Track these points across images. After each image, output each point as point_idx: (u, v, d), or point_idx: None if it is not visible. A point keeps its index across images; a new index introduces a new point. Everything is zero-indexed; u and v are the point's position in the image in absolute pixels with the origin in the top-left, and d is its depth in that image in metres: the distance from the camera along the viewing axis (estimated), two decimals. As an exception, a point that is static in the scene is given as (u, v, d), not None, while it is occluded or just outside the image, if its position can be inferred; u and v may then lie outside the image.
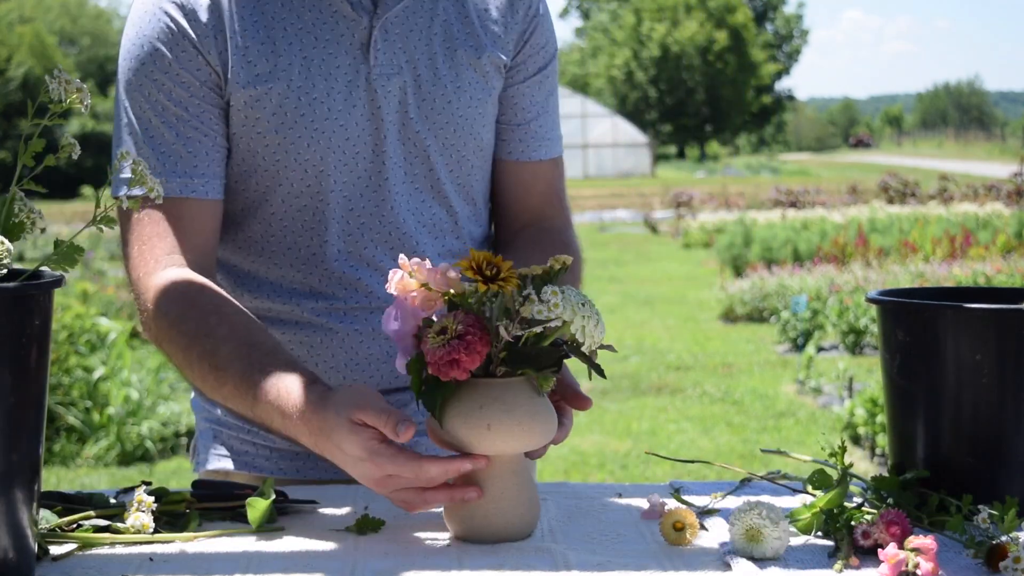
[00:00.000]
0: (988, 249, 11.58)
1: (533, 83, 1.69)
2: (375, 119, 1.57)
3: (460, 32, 1.63)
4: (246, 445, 1.66)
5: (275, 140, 1.55)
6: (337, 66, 1.56)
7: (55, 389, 6.23)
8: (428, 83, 1.60)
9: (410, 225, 1.61)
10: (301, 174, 1.56)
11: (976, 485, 1.35)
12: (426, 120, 1.60)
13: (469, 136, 1.64)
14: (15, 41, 45.11)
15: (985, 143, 77.36)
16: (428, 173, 1.62)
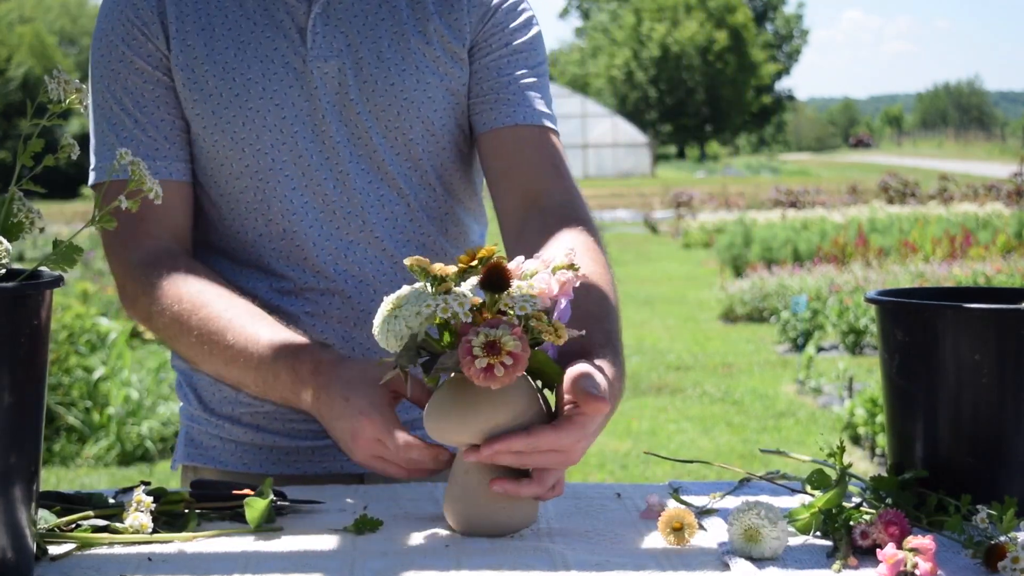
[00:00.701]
0: (988, 249, 11.59)
1: (499, 57, 1.65)
2: (312, 100, 1.60)
3: (409, 18, 1.63)
4: (213, 440, 1.69)
5: (212, 120, 1.59)
6: (275, 48, 1.59)
7: (55, 389, 6.23)
8: (370, 65, 1.60)
9: (361, 203, 1.61)
10: (239, 153, 1.60)
11: (975, 485, 1.35)
12: (367, 102, 1.61)
13: (415, 118, 1.62)
14: (15, 41, 45.12)
15: (985, 143, 77.36)
16: (372, 154, 1.62)
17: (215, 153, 1.60)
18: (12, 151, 20.78)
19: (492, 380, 1.23)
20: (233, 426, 1.66)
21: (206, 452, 1.69)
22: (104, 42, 1.61)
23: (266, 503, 1.33)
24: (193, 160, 1.63)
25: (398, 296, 1.30)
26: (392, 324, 1.29)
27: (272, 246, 1.62)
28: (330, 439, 1.60)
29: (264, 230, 1.62)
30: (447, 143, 1.66)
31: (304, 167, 1.60)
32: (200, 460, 1.69)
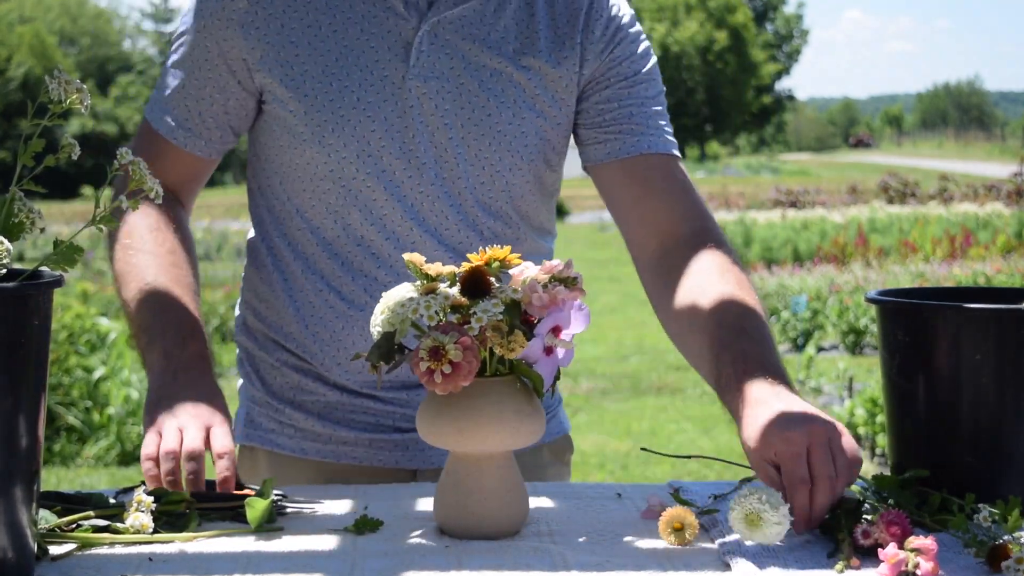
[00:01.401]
0: (988, 249, 11.59)
1: (621, 88, 1.65)
2: (405, 117, 1.59)
3: (516, 52, 1.62)
4: (272, 423, 1.71)
5: (303, 121, 1.59)
6: (376, 60, 1.58)
7: (55, 389, 6.23)
8: (469, 93, 1.60)
9: (436, 225, 1.62)
10: (325, 157, 1.60)
11: (976, 485, 1.35)
12: (460, 128, 1.61)
13: (505, 151, 1.62)
14: (15, 41, 45.11)
15: (985, 143, 77.37)
16: (456, 180, 1.62)
17: (303, 150, 1.61)
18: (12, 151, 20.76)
19: (433, 385, 1.24)
20: (294, 411, 1.69)
21: (264, 435, 1.71)
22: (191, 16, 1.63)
23: (267, 503, 1.33)
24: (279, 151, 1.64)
25: (390, 294, 1.32)
26: (377, 320, 1.32)
27: (347, 250, 1.63)
28: (387, 434, 1.66)
29: (341, 233, 1.63)
30: (531, 176, 1.66)
31: (386, 181, 1.60)
32: (258, 441, 1.71)
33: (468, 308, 1.29)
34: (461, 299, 1.30)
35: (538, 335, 1.29)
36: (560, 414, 1.82)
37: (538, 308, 1.29)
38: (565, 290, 1.30)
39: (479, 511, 1.31)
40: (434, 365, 1.24)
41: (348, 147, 1.59)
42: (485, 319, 1.26)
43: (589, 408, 7.53)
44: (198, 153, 1.66)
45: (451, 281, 1.33)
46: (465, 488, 1.32)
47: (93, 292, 10.20)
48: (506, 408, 1.29)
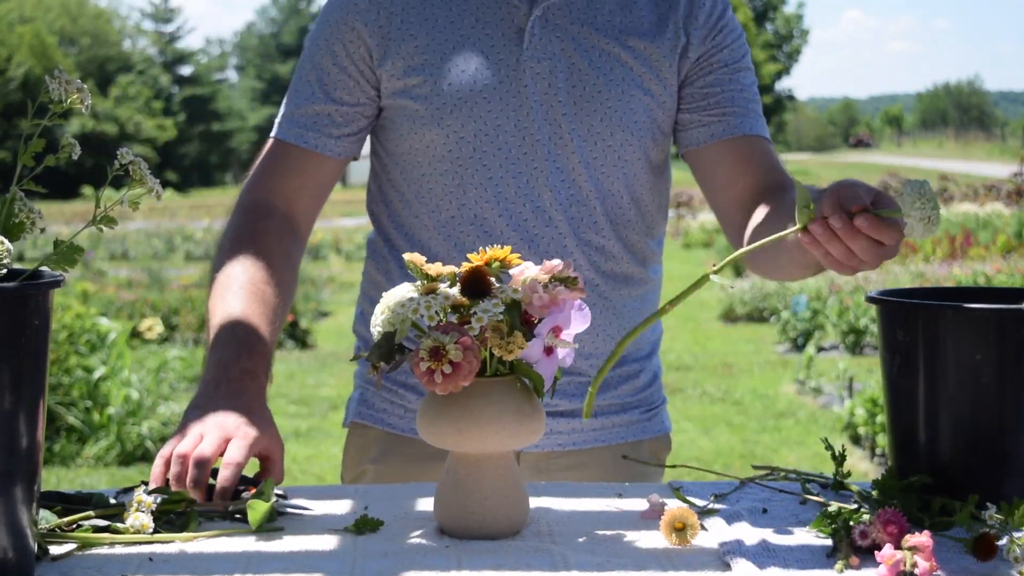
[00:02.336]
0: (988, 249, 11.59)
1: (723, 75, 1.74)
2: (520, 96, 1.67)
3: (622, 33, 1.70)
4: (385, 403, 1.80)
5: (423, 106, 1.68)
6: (491, 46, 1.68)
7: (55, 389, 6.23)
8: (580, 72, 1.68)
9: (551, 200, 1.69)
10: (444, 139, 1.68)
11: (976, 485, 1.35)
12: (574, 105, 1.68)
13: (617, 126, 1.69)
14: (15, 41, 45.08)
15: (985, 143, 77.33)
16: (571, 155, 1.69)
17: (423, 134, 1.69)
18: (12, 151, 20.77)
19: (433, 385, 1.24)
20: (407, 392, 1.78)
21: (377, 413, 1.81)
22: (326, 15, 1.73)
23: (268, 505, 1.33)
24: (398, 139, 1.72)
25: (390, 294, 1.32)
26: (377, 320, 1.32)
27: (460, 230, 1.70)
28: None
29: (456, 213, 1.70)
30: (641, 154, 1.73)
31: (503, 159, 1.68)
32: (371, 420, 1.81)
33: (468, 308, 1.29)
34: (461, 299, 1.30)
35: (538, 335, 1.29)
36: (661, 412, 1.87)
37: (538, 308, 1.29)
38: (565, 290, 1.30)
39: (479, 511, 1.31)
40: (434, 365, 1.24)
41: (466, 127, 1.67)
42: (485, 319, 1.26)
43: (589, 408, 7.52)
44: (329, 154, 1.73)
45: (451, 281, 1.33)
46: (465, 488, 1.32)
47: (93, 292, 10.20)
48: (506, 408, 1.29)
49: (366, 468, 1.81)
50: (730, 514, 1.39)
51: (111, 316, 9.36)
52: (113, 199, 1.21)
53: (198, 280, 12.32)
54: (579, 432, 1.76)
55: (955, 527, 1.32)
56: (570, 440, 1.76)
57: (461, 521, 1.32)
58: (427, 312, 1.28)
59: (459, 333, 1.25)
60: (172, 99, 59.54)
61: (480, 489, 1.31)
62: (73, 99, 1.19)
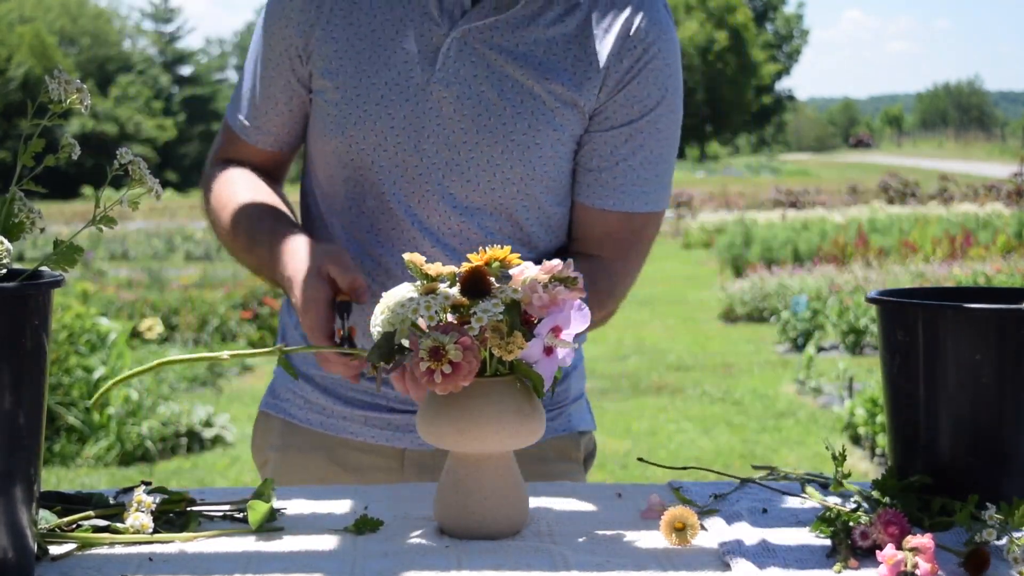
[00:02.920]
0: (988, 249, 11.59)
1: (617, 134, 1.66)
2: (422, 120, 1.64)
3: (540, 64, 1.63)
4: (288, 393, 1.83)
5: (334, 112, 1.68)
6: (404, 61, 1.65)
7: (55, 389, 6.23)
8: (488, 101, 1.63)
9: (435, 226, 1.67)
10: (346, 147, 1.68)
11: (976, 485, 1.35)
12: (476, 134, 1.63)
13: (519, 161, 1.64)
14: (15, 41, 45.08)
15: (985, 143, 77.34)
16: (465, 183, 1.65)
17: (330, 139, 1.69)
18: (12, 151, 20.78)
19: (433, 385, 1.24)
20: (306, 384, 1.80)
21: (280, 403, 1.84)
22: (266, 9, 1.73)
23: (268, 506, 1.33)
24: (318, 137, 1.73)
25: (390, 294, 1.32)
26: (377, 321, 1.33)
27: (359, 237, 1.71)
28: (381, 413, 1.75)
29: (355, 220, 1.71)
30: (544, 188, 1.67)
31: (397, 177, 1.67)
32: (274, 409, 1.84)
33: (468, 308, 1.29)
34: (461, 299, 1.30)
35: (538, 335, 1.29)
36: (568, 411, 1.83)
37: (538, 308, 1.29)
38: (565, 290, 1.29)
39: (479, 511, 1.31)
40: (434, 365, 1.24)
41: (367, 139, 1.66)
42: (485, 319, 1.26)
43: (589, 408, 7.52)
44: (267, 148, 1.77)
45: (451, 281, 1.33)
46: (465, 488, 1.32)
47: (93, 292, 10.19)
48: (506, 408, 1.29)
49: (269, 455, 1.84)
50: (730, 514, 1.39)
51: (111, 316, 9.36)
52: (113, 199, 1.21)
53: (198, 280, 12.32)
54: None
55: (955, 527, 1.32)
56: None
57: (461, 521, 1.32)
58: (427, 312, 1.28)
59: (459, 333, 1.25)
60: (172, 99, 59.57)
61: (480, 489, 1.31)
62: (73, 99, 1.19)
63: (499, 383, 1.30)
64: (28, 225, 1.18)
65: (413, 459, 1.75)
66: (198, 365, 8.35)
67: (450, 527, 1.33)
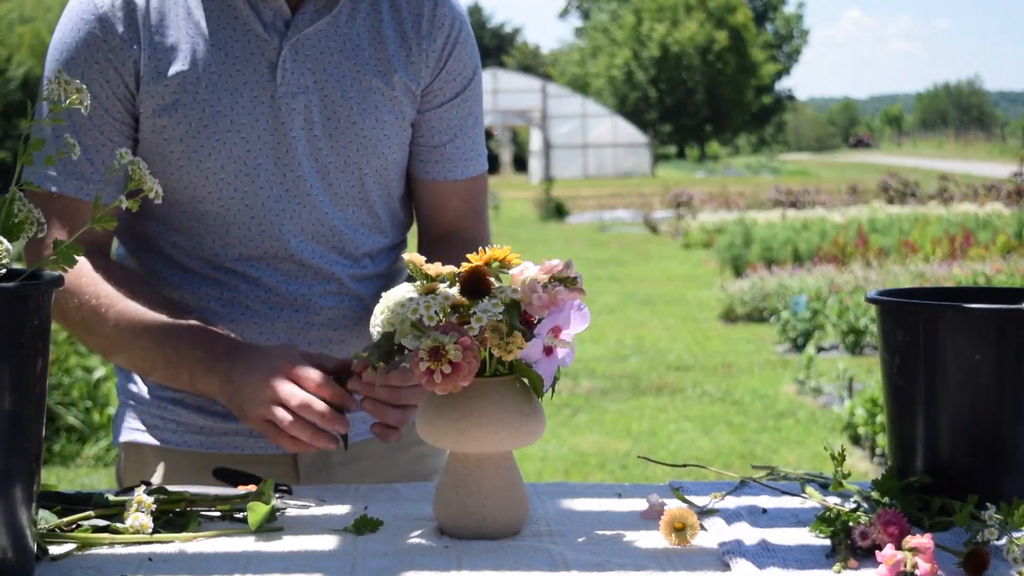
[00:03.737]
0: (988, 249, 11.59)
1: (449, 107, 1.76)
2: (279, 134, 1.66)
3: (371, 57, 1.69)
4: (155, 419, 1.76)
5: (179, 148, 1.63)
6: (244, 83, 1.64)
7: (55, 389, 6.23)
8: (334, 103, 1.67)
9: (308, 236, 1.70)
10: (203, 181, 1.65)
11: (976, 485, 1.35)
12: (329, 138, 1.68)
13: (372, 154, 1.70)
14: (15, 41, 45.05)
15: (985, 143, 77.33)
16: (329, 187, 1.70)
17: (179, 176, 1.64)
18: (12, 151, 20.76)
19: (432, 385, 1.24)
20: (176, 407, 1.74)
21: (148, 430, 1.76)
22: (64, 58, 1.62)
23: (268, 507, 1.33)
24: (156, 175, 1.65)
25: (390, 294, 1.32)
26: (377, 320, 1.33)
27: (228, 266, 1.69)
28: None
29: (221, 251, 1.69)
30: (396, 175, 1.76)
31: (264, 198, 1.67)
32: (142, 438, 1.76)
33: (468, 308, 1.29)
34: (461, 299, 1.30)
35: (538, 335, 1.29)
36: None
37: (538, 308, 1.29)
38: (565, 290, 1.29)
39: (479, 511, 1.31)
40: (434, 365, 1.24)
41: (225, 168, 1.64)
42: (485, 319, 1.26)
43: (589, 408, 7.53)
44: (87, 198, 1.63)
45: (451, 281, 1.33)
46: (465, 488, 1.32)
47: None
48: (506, 408, 1.29)
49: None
50: (730, 514, 1.40)
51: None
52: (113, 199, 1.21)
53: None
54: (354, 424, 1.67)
55: (955, 527, 1.32)
56: None
57: (461, 521, 1.32)
58: (427, 313, 1.28)
59: (459, 333, 1.25)
60: (172, 99, 59.50)
61: (480, 489, 1.31)
62: (73, 99, 1.19)
63: (499, 383, 1.30)
64: (28, 225, 1.18)
65: (307, 462, 1.73)
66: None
67: (450, 527, 1.33)
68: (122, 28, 1.61)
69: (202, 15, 1.64)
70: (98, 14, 1.62)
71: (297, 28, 1.65)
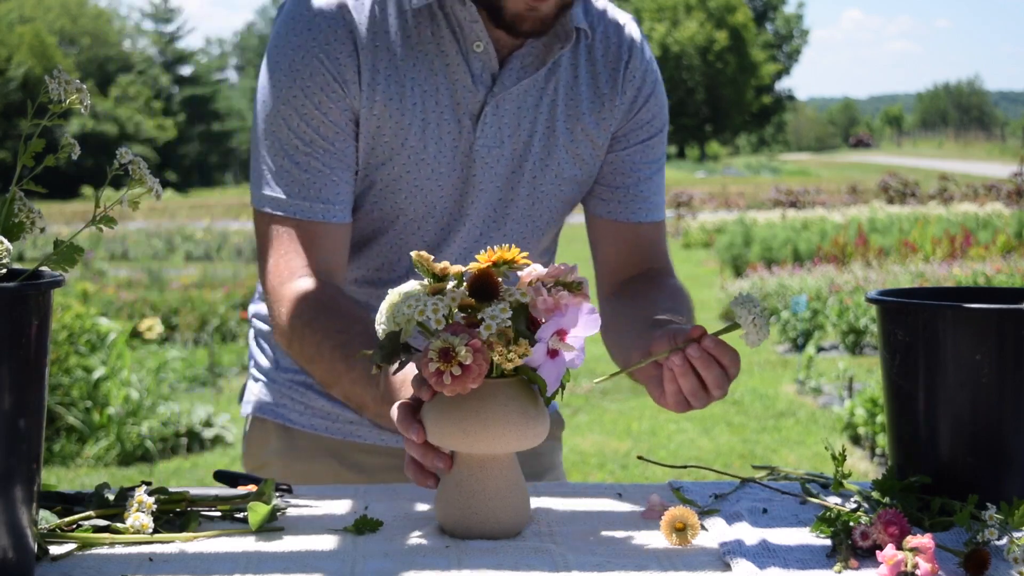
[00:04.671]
0: (988, 249, 11.59)
1: (635, 151, 1.76)
2: (467, 184, 1.68)
3: (563, 112, 1.71)
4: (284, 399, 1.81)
5: (381, 185, 1.65)
6: (448, 132, 1.65)
7: (55, 389, 6.23)
8: (520, 157, 1.70)
9: None
10: (391, 218, 1.69)
11: (976, 485, 1.35)
12: (511, 191, 1.70)
13: (545, 208, 1.74)
14: (15, 41, 45.08)
15: (985, 143, 77.35)
16: (499, 234, 1.72)
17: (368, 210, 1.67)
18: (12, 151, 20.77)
19: (442, 387, 1.24)
20: (306, 391, 1.79)
21: (276, 410, 1.82)
22: (298, 85, 1.59)
23: (268, 508, 1.33)
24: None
25: (397, 291, 1.31)
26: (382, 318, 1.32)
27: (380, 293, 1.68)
28: None
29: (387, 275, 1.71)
30: (562, 222, 1.81)
31: (440, 239, 1.70)
32: (270, 415, 1.82)
33: (476, 309, 1.28)
34: (468, 300, 1.29)
35: (541, 340, 1.28)
36: None
37: (542, 311, 1.29)
38: (568, 295, 1.29)
39: (482, 511, 1.31)
40: (444, 367, 1.24)
41: (416, 210, 1.68)
42: (494, 326, 1.26)
43: (589, 408, 7.53)
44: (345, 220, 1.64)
45: (458, 281, 1.32)
46: (468, 489, 1.32)
47: (93, 292, 10.20)
48: (512, 410, 1.28)
49: (269, 460, 1.84)
50: (730, 514, 1.40)
51: (111, 316, 9.36)
52: (113, 199, 1.21)
53: (198, 280, 12.32)
54: None
55: (955, 527, 1.32)
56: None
57: (464, 521, 1.32)
58: (434, 315, 1.27)
59: (469, 335, 1.25)
60: (172, 99, 59.57)
61: (484, 490, 1.31)
62: (73, 99, 1.19)
63: (505, 385, 1.29)
64: (28, 225, 1.18)
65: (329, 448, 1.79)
66: (197, 364, 8.36)
67: (452, 527, 1.32)
68: (350, 60, 1.60)
69: (415, 59, 1.63)
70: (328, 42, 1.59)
71: (503, 85, 1.65)
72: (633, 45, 1.74)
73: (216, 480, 1.54)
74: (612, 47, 1.73)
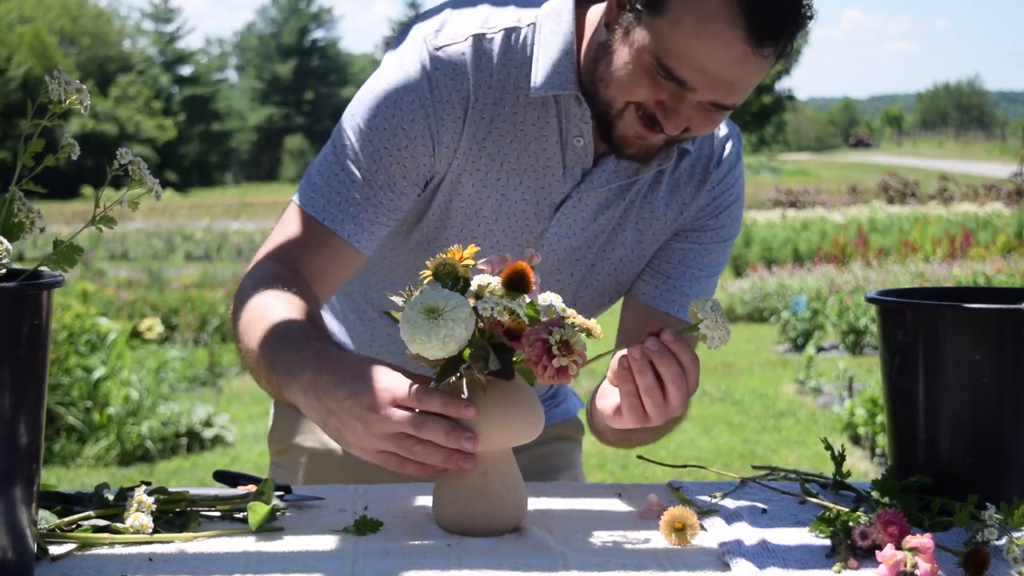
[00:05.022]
0: (988, 249, 11.59)
1: (695, 250, 1.71)
2: None
3: (637, 215, 1.68)
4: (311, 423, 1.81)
5: (441, 243, 1.64)
6: (523, 212, 1.64)
7: (55, 389, 6.23)
8: (588, 249, 1.69)
9: None
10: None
11: (976, 485, 1.35)
12: (570, 276, 1.70)
13: (599, 295, 1.74)
14: (15, 41, 45.08)
15: (985, 143, 77.34)
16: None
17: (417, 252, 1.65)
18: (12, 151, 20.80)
19: (564, 378, 1.27)
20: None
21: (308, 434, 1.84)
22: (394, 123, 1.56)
23: (268, 508, 1.33)
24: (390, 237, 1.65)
25: (423, 299, 1.28)
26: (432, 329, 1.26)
27: None
28: None
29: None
30: (606, 307, 1.79)
31: None
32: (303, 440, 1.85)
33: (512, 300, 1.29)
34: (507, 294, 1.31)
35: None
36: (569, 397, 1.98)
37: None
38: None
39: (479, 508, 1.31)
40: (566, 359, 1.27)
41: None
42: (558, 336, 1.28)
43: (589, 408, 7.53)
44: (362, 249, 1.60)
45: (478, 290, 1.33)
46: (465, 485, 1.32)
47: (93, 292, 10.20)
48: (507, 406, 1.29)
49: (295, 444, 1.86)
50: (730, 514, 1.40)
51: (111, 316, 9.36)
52: (113, 199, 1.21)
53: (198, 280, 12.32)
54: None
55: (955, 527, 1.32)
56: None
57: (460, 518, 1.32)
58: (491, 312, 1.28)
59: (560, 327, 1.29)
60: (172, 99, 59.57)
61: (480, 486, 1.32)
62: (72, 99, 1.19)
63: (500, 381, 1.30)
64: (28, 225, 1.18)
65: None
66: (197, 364, 8.36)
67: (449, 524, 1.33)
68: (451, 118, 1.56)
69: (514, 136, 1.59)
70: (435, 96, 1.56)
71: (592, 184, 1.62)
72: (723, 158, 1.69)
73: (216, 480, 1.54)
74: (703, 157, 1.68)
